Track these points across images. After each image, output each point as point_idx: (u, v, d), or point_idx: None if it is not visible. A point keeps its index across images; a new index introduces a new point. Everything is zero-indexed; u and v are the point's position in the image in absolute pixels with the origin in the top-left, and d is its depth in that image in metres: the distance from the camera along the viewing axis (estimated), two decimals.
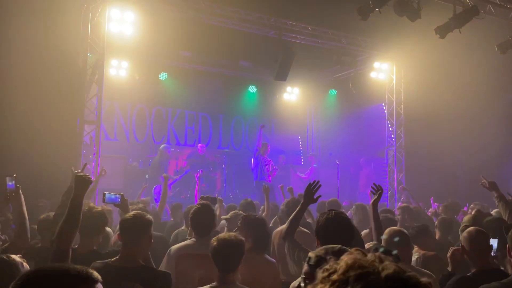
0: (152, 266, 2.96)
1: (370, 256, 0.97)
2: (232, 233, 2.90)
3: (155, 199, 9.71)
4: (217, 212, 5.10)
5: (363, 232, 4.62)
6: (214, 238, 2.84)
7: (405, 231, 3.39)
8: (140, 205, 4.72)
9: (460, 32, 7.72)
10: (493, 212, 5.97)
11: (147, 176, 9.93)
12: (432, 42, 8.29)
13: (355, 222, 5.61)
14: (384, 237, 3.32)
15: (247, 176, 12.29)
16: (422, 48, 9.47)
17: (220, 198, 6.12)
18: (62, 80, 7.26)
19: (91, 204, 3.56)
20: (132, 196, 9.07)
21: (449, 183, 11.19)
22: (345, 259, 0.97)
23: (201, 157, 11.57)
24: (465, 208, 7.47)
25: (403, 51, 10.61)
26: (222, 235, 2.92)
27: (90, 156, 8.11)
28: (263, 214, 5.60)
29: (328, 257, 1.69)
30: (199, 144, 11.89)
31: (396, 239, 3.18)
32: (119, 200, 3.62)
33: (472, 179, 11.28)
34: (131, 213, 3.00)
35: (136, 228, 2.80)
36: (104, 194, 3.62)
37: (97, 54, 8.29)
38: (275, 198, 8.97)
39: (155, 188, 10.06)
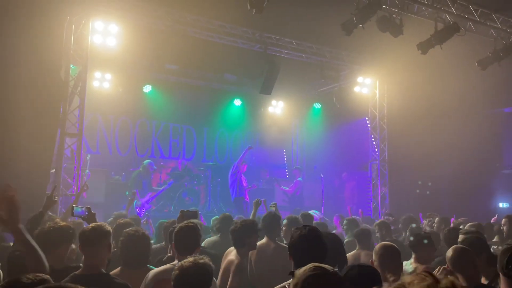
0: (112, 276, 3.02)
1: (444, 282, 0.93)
2: (200, 257, 2.62)
3: (137, 213, 9.55)
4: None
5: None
6: (178, 265, 2.63)
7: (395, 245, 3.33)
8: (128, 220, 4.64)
9: (441, 48, 7.90)
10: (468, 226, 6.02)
11: (127, 193, 9.75)
12: (415, 57, 8.45)
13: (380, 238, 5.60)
14: (380, 252, 3.18)
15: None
16: (404, 63, 9.64)
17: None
18: (43, 92, 7.12)
19: (57, 220, 3.52)
20: (114, 209, 8.94)
21: (432, 197, 11.33)
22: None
23: (185, 170, 11.47)
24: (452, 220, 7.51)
25: (386, 66, 10.78)
26: (183, 261, 2.64)
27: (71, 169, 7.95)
28: None
29: None
30: (182, 160, 11.83)
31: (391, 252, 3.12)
32: (86, 213, 3.71)
33: (455, 192, 11.51)
34: (89, 225, 3.13)
35: (94, 239, 2.95)
36: (72, 208, 3.77)
37: (80, 66, 8.20)
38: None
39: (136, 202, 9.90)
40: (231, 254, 4.02)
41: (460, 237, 3.72)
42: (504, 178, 12.93)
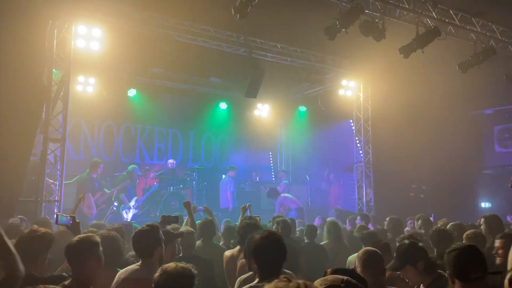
0: None
1: (292, 283, 1.02)
2: (180, 264, 2.56)
3: (123, 218, 9.47)
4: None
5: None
6: (159, 269, 2.59)
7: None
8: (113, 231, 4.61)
9: (423, 52, 8.04)
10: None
11: (113, 199, 9.65)
12: (397, 61, 8.58)
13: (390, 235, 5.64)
14: (363, 257, 3.14)
15: (218, 193, 12.19)
16: (387, 67, 9.78)
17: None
18: (24, 97, 7.02)
19: (34, 227, 3.46)
20: (99, 216, 8.85)
21: (416, 198, 11.50)
22: None
23: (171, 173, 11.40)
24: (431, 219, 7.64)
25: (369, 70, 10.92)
26: (167, 265, 2.59)
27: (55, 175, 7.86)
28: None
29: None
30: (170, 160, 11.71)
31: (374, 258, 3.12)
32: (71, 222, 3.64)
33: (437, 193, 11.70)
34: (76, 237, 3.00)
35: (80, 252, 2.84)
36: (57, 216, 3.69)
37: (63, 71, 8.10)
38: None
39: (122, 207, 9.83)
40: (242, 255, 4.00)
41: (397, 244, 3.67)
42: (485, 179, 13.20)
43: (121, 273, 3.30)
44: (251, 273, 3.04)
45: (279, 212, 9.70)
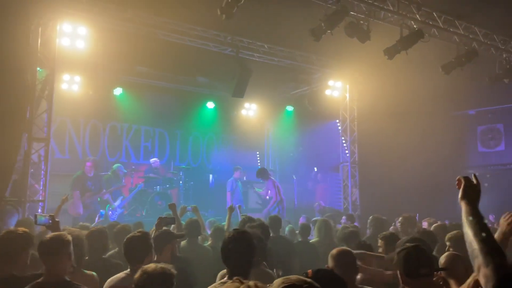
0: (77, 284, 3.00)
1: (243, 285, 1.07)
2: (160, 265, 2.61)
3: (110, 217, 9.39)
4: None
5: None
6: (139, 270, 2.63)
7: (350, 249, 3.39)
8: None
9: (407, 54, 8.15)
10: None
11: (99, 199, 9.58)
12: (382, 62, 8.68)
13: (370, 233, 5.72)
14: (336, 257, 3.18)
15: (205, 193, 12.18)
16: (373, 68, 9.90)
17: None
18: (8, 96, 6.94)
19: (11, 228, 3.48)
20: (84, 215, 8.79)
21: (401, 197, 11.63)
22: None
23: (156, 173, 11.33)
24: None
25: (355, 70, 11.03)
26: (146, 266, 2.64)
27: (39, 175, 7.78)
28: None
29: None
30: (154, 159, 11.59)
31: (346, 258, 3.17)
32: (50, 222, 3.67)
33: (421, 192, 11.86)
34: (48, 235, 3.10)
35: (53, 249, 2.96)
36: (36, 216, 3.72)
37: (47, 69, 8.01)
38: None
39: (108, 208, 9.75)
40: None
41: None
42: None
43: (110, 281, 3.32)
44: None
45: (265, 195, 9.85)
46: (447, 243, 4.18)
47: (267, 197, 10.61)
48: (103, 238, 4.36)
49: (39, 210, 7.54)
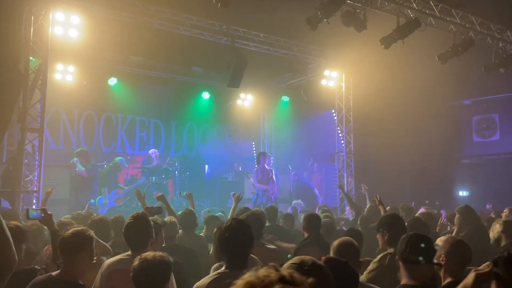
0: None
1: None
2: (158, 253, 2.62)
3: (101, 210, 9.38)
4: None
5: None
6: (138, 257, 2.61)
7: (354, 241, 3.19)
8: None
9: (403, 43, 8.11)
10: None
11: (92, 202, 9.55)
12: (378, 51, 8.63)
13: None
14: (337, 248, 3.07)
15: (200, 183, 12.17)
16: (369, 57, 9.85)
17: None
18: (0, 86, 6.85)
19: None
20: (79, 205, 8.76)
21: (396, 187, 11.69)
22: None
23: (154, 163, 11.27)
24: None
25: (351, 60, 10.98)
26: (145, 254, 2.64)
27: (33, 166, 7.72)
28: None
29: None
30: (152, 150, 11.53)
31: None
32: (42, 215, 3.53)
33: (417, 181, 11.93)
34: (70, 230, 2.95)
35: (73, 246, 2.84)
36: (27, 211, 3.57)
37: (40, 59, 7.90)
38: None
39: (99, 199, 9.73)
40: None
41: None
42: (463, 168, 13.52)
43: (111, 264, 3.23)
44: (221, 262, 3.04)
45: (257, 181, 9.69)
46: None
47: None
48: (106, 227, 4.34)
49: (34, 201, 7.50)
